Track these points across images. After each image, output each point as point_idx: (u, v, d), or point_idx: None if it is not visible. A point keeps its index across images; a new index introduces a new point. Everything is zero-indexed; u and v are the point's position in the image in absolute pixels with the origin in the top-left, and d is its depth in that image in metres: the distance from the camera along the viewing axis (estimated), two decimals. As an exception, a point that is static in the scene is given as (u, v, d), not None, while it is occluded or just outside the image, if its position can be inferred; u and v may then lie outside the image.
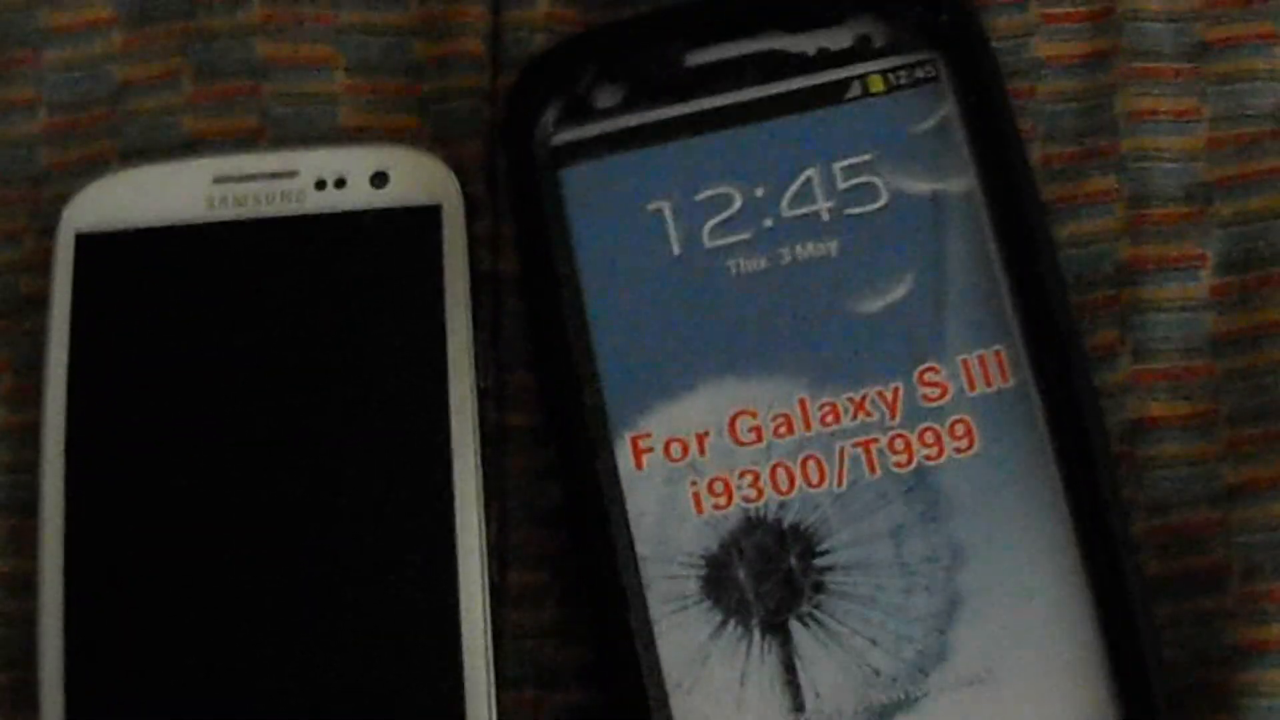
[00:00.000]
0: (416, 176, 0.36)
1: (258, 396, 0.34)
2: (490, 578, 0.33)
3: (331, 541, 0.34)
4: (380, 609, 0.33)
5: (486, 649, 0.33)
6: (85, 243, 0.35)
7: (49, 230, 0.36)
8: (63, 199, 0.36)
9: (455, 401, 0.34)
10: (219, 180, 0.36)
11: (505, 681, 0.34)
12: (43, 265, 0.36)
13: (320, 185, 0.35)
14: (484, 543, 0.33)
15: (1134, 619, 0.32)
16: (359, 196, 0.35)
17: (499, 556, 0.35)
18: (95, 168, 0.37)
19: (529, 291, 0.35)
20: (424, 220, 0.35)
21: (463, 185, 0.36)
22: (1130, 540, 0.33)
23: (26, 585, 0.34)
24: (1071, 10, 0.37)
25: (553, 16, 0.37)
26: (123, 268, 0.35)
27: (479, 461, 0.34)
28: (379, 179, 0.35)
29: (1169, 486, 0.34)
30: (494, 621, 0.33)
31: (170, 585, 0.33)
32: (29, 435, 0.35)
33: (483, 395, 0.35)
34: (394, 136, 0.37)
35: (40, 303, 0.35)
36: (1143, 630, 0.32)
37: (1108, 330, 0.35)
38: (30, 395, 0.35)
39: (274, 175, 0.36)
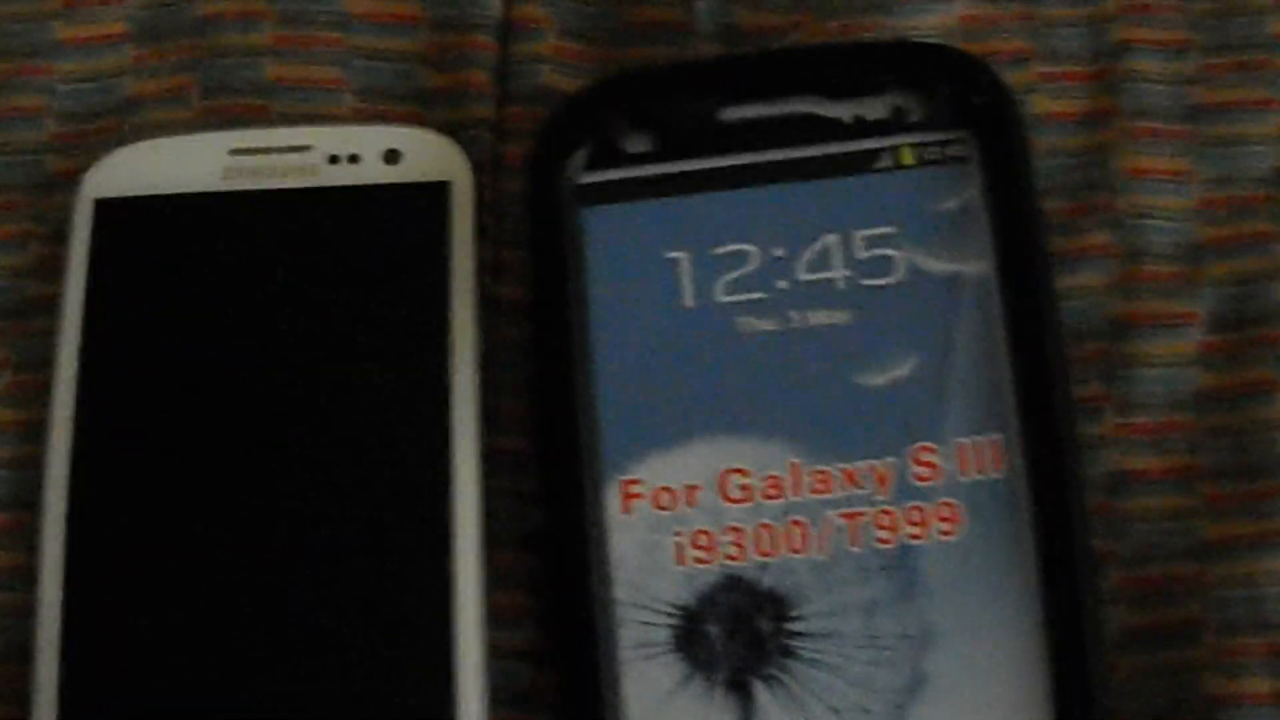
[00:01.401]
0: (428, 155, 0.37)
1: (265, 362, 0.35)
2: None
3: (331, 530, 0.34)
4: (377, 580, 0.34)
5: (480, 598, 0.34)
6: (103, 209, 0.36)
7: (55, 237, 0.37)
8: (70, 207, 0.37)
9: (458, 379, 0.35)
10: (235, 152, 0.37)
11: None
12: (49, 270, 0.37)
13: (334, 160, 0.36)
14: (481, 527, 0.34)
15: (1094, 714, 0.32)
16: (372, 172, 0.36)
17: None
18: None
19: (538, 323, 0.35)
20: (434, 197, 0.36)
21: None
22: (1099, 640, 0.33)
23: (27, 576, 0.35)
24: (1071, 69, 0.38)
25: (560, 50, 0.38)
26: (139, 234, 0.36)
27: (479, 430, 0.35)
28: (391, 156, 0.36)
29: (1148, 539, 0.35)
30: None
31: (172, 560, 0.34)
32: (32, 432, 0.36)
33: (484, 368, 0.35)
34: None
35: (46, 305, 0.36)
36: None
37: (1095, 383, 0.36)
38: (32, 394, 0.36)
39: (289, 149, 0.37)
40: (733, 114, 0.36)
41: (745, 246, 0.35)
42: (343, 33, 0.39)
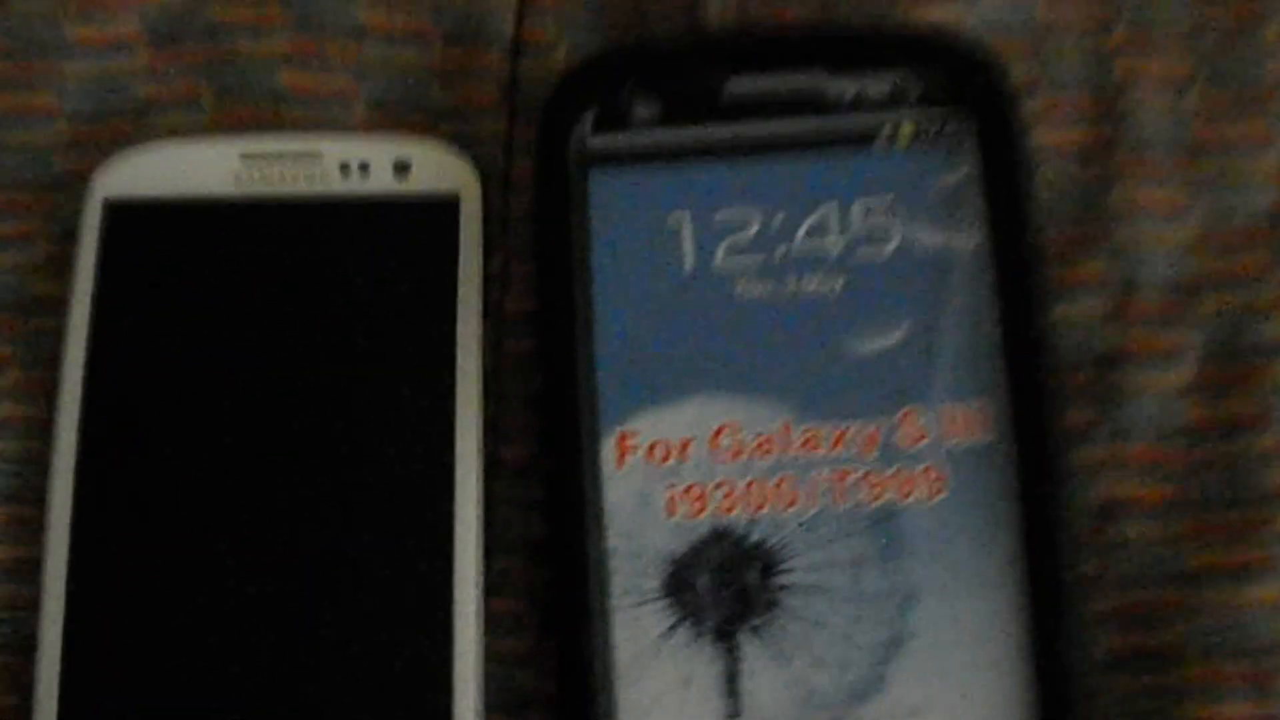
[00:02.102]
0: (438, 167, 0.37)
1: (269, 367, 0.36)
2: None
3: (334, 535, 0.35)
4: (377, 585, 0.34)
5: (478, 614, 0.34)
6: (113, 209, 0.37)
7: (64, 236, 0.38)
8: (80, 207, 0.38)
9: (461, 390, 0.35)
10: (246, 157, 0.37)
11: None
12: (55, 268, 0.37)
13: (344, 169, 0.37)
14: (480, 533, 0.35)
15: (1069, 680, 0.33)
16: (381, 182, 0.37)
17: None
18: None
19: (542, 279, 0.36)
20: (443, 209, 0.37)
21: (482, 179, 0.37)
22: (1076, 607, 0.34)
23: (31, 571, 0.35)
24: (1076, 101, 0.38)
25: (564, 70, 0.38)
26: (148, 236, 0.37)
27: (481, 439, 0.35)
28: (401, 167, 0.37)
29: (1135, 565, 0.36)
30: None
31: (175, 562, 0.35)
32: (36, 428, 0.37)
33: (488, 378, 0.36)
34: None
35: (52, 303, 0.37)
36: (1075, 694, 0.33)
37: (1088, 410, 0.36)
38: (39, 390, 0.37)
39: (300, 156, 0.37)
40: (739, 84, 0.37)
41: (745, 213, 0.36)
42: (356, 43, 0.39)
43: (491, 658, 0.35)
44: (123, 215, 0.37)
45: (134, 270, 0.37)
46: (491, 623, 0.35)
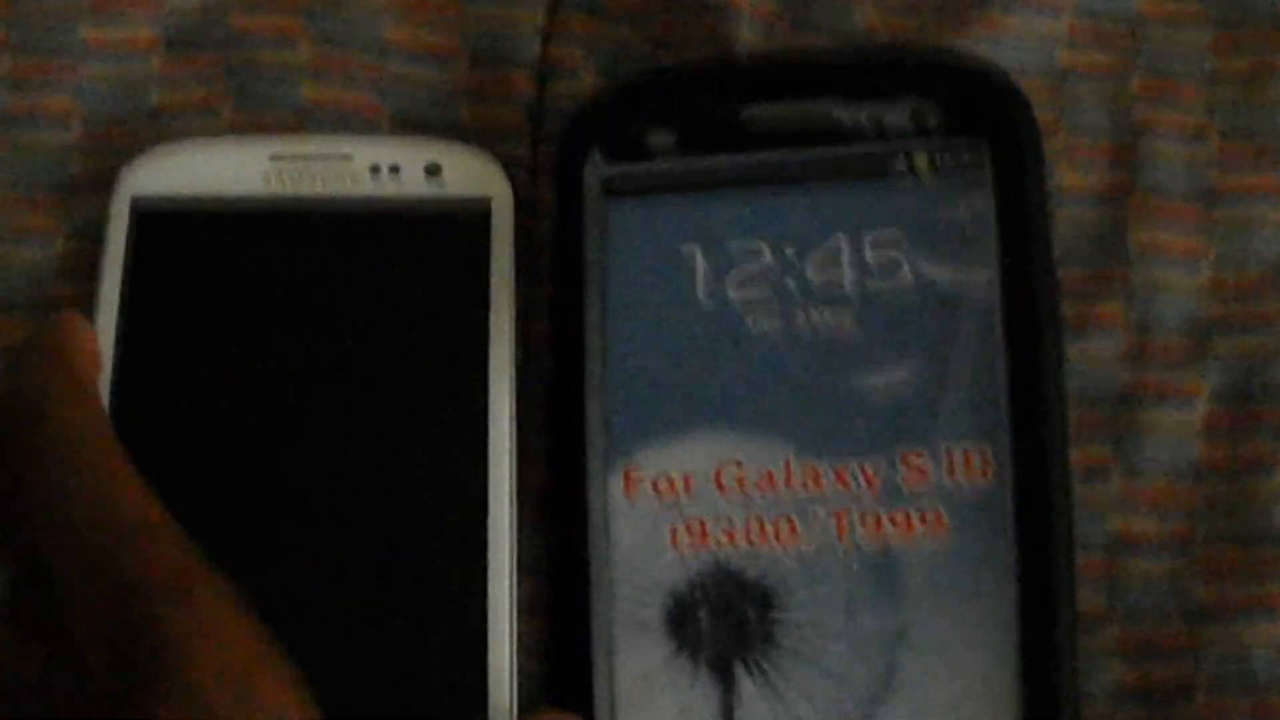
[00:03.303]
0: (468, 170, 0.37)
1: (299, 366, 0.36)
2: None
3: (364, 531, 0.35)
4: (408, 599, 0.35)
5: (511, 641, 0.35)
6: (140, 206, 0.37)
7: (80, 236, 0.39)
8: (93, 208, 0.38)
9: (493, 393, 0.36)
10: (276, 158, 0.37)
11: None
12: (71, 269, 0.38)
13: (375, 171, 0.37)
14: (514, 542, 0.35)
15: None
16: (412, 185, 0.37)
17: None
18: None
19: (556, 310, 0.37)
20: (474, 212, 0.37)
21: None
22: (1071, 653, 0.34)
23: None
24: (1095, 144, 0.38)
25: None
26: (174, 235, 0.37)
27: (514, 429, 0.36)
28: (432, 170, 0.37)
29: (1144, 600, 0.36)
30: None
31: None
32: None
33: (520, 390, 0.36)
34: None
35: (69, 303, 0.38)
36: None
37: (1102, 447, 0.37)
38: None
39: (329, 157, 0.37)
40: (753, 113, 0.37)
41: (758, 244, 0.36)
42: (379, 59, 0.40)
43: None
44: (149, 213, 0.37)
45: (160, 270, 0.37)
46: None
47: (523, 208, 0.38)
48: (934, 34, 0.38)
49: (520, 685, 0.36)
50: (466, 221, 0.37)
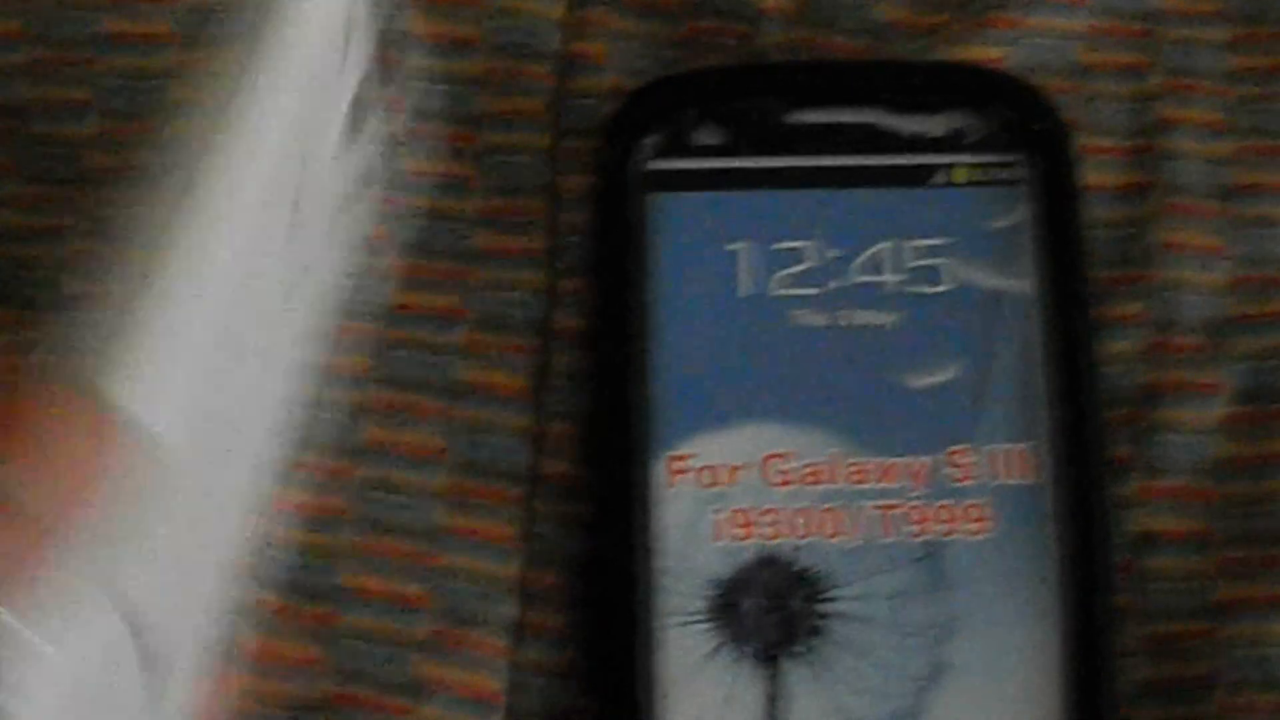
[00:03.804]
0: None
1: None
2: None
3: None
4: None
5: None
6: None
7: (93, 232, 0.37)
8: (109, 203, 0.37)
9: None
10: None
11: (519, 714, 0.36)
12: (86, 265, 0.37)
13: None
14: None
15: (1106, 717, 0.34)
16: None
17: (525, 594, 0.36)
18: (144, 175, 0.38)
19: (601, 298, 0.37)
20: None
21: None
22: (1113, 645, 0.35)
23: None
24: (1114, 144, 0.39)
25: (618, 88, 0.39)
26: None
27: None
28: None
29: (1165, 597, 0.36)
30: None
31: None
32: None
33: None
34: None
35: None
36: (1107, 731, 0.34)
37: (1124, 446, 0.37)
38: None
39: None
40: (800, 117, 0.38)
41: (802, 245, 0.37)
42: (400, 54, 0.39)
43: (532, 670, 0.36)
44: None
45: None
46: (533, 636, 0.36)
47: (545, 198, 0.38)
48: (955, 32, 0.39)
49: (556, 681, 0.36)
50: None
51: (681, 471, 0.36)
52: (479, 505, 0.37)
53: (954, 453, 0.36)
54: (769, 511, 0.36)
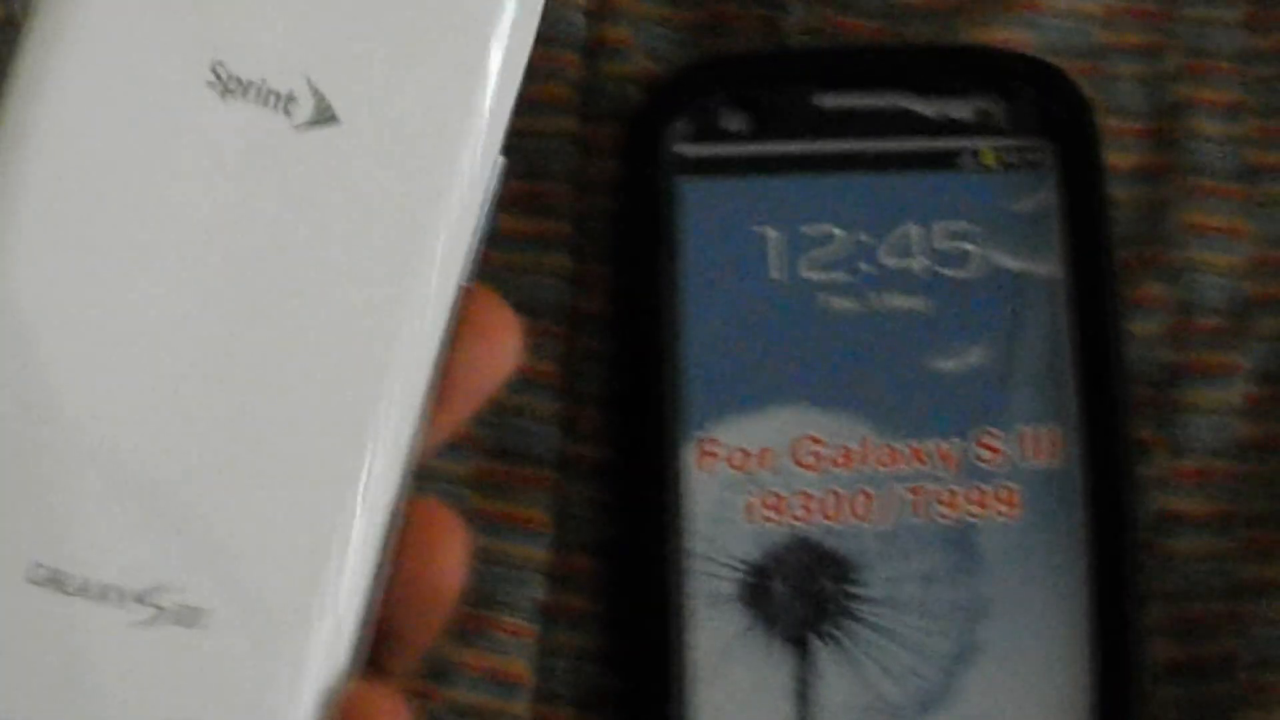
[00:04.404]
0: None
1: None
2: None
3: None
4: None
5: None
6: None
7: None
8: None
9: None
10: None
11: (546, 696, 0.36)
12: None
13: None
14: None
15: (1132, 698, 0.35)
16: None
17: (555, 578, 0.36)
18: None
19: (630, 282, 0.37)
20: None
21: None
22: (1141, 627, 0.35)
23: None
24: (1134, 126, 0.39)
25: (645, 73, 0.39)
26: None
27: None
28: None
29: (1188, 578, 0.37)
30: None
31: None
32: None
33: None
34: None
35: None
36: (1137, 712, 0.35)
37: (1146, 427, 0.37)
38: None
39: None
40: (828, 101, 0.38)
41: (831, 228, 0.37)
42: None
43: (560, 653, 0.36)
44: None
45: None
46: (561, 619, 0.36)
47: (571, 184, 0.38)
48: (974, 13, 0.39)
49: (585, 664, 0.36)
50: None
51: (712, 455, 0.36)
52: (508, 489, 0.37)
53: (983, 436, 0.36)
54: (799, 494, 0.36)
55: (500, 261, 0.38)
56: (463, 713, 0.36)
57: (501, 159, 0.29)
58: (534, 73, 0.39)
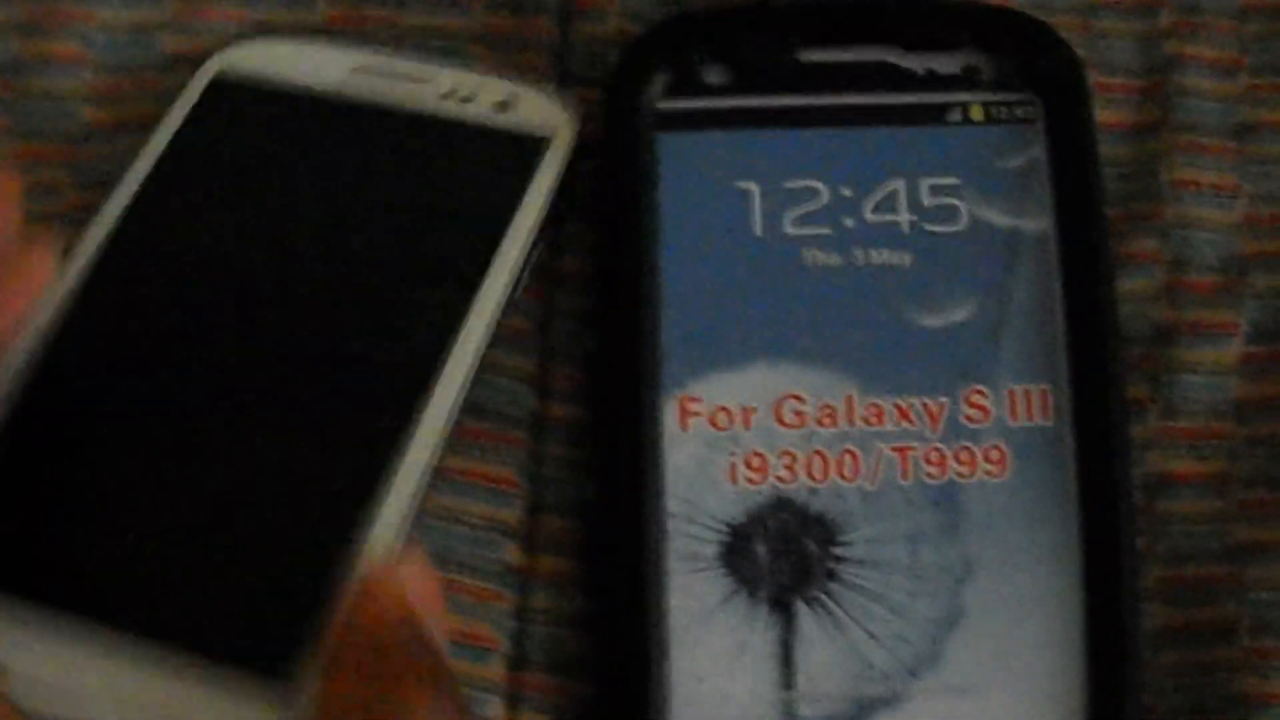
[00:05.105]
0: (539, 111, 0.37)
1: (302, 245, 0.36)
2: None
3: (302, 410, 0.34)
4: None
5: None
6: (215, 85, 0.37)
7: (90, 185, 0.37)
8: (105, 158, 0.37)
9: (473, 311, 0.35)
10: (358, 70, 0.37)
11: (520, 661, 0.35)
12: (81, 220, 0.36)
13: (446, 97, 0.37)
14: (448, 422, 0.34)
15: (1125, 659, 0.34)
16: (480, 115, 0.37)
17: (529, 540, 0.36)
18: (139, 130, 0.37)
19: (609, 237, 0.36)
20: (526, 148, 0.36)
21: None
22: (1135, 590, 0.34)
23: None
24: (1125, 82, 0.39)
25: (623, 34, 0.39)
26: (238, 113, 0.37)
27: (481, 348, 0.34)
28: (503, 106, 0.37)
29: (1184, 540, 0.36)
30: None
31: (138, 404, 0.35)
32: None
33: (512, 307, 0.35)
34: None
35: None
36: (1130, 676, 0.33)
37: (1140, 387, 0.37)
38: None
39: (408, 78, 0.37)
40: (812, 55, 0.37)
41: (815, 184, 0.36)
42: (398, 11, 0.39)
43: (534, 617, 0.35)
44: (220, 85, 0.37)
45: (208, 134, 0.37)
46: (540, 583, 0.35)
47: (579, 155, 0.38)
48: None
49: (563, 629, 0.35)
50: (517, 155, 0.36)
51: (693, 414, 0.35)
52: (479, 448, 0.36)
53: (971, 394, 0.35)
54: (782, 454, 0.35)
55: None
56: None
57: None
58: (511, 42, 0.39)
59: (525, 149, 0.36)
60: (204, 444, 0.34)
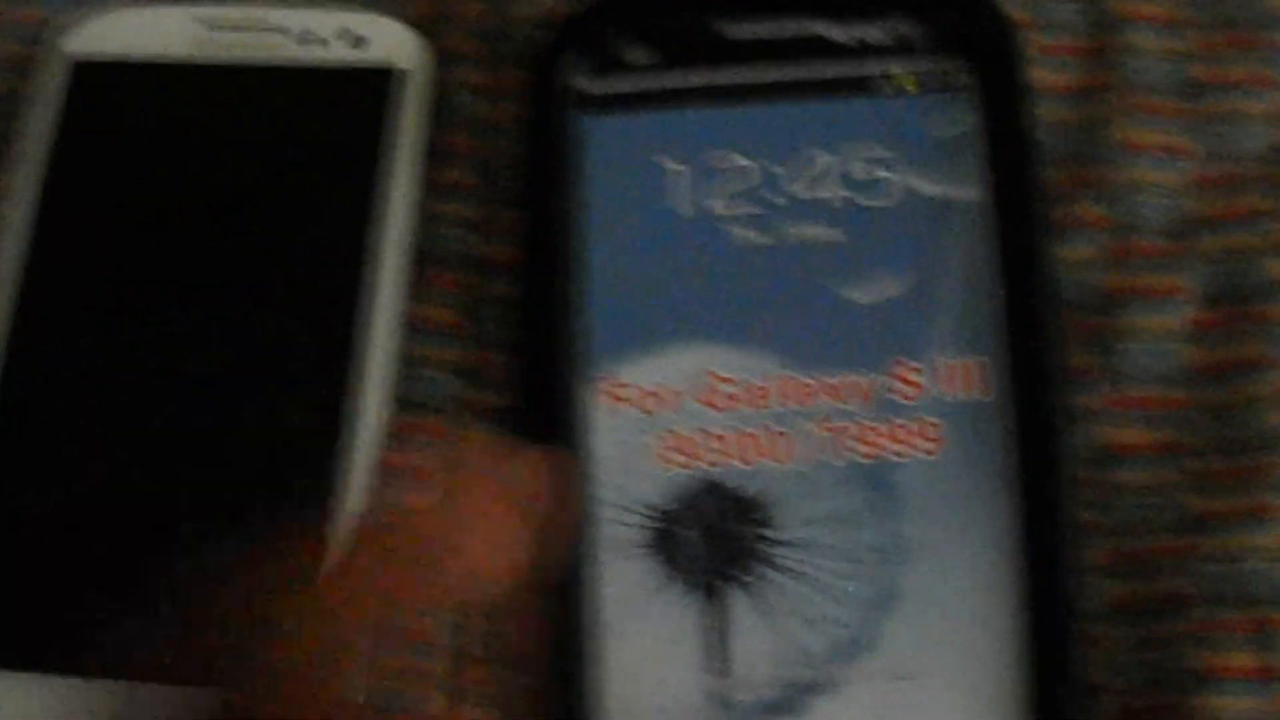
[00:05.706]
0: (392, 42, 0.38)
1: (197, 217, 0.37)
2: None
3: (234, 360, 0.36)
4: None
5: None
6: (79, 69, 0.38)
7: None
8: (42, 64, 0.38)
9: (379, 251, 0.36)
10: (208, 25, 0.38)
11: (464, 656, 0.34)
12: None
13: (302, 40, 0.38)
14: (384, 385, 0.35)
15: (1065, 643, 0.33)
16: (335, 53, 0.38)
17: None
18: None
19: (532, 223, 0.36)
20: (389, 81, 0.37)
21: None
22: (1075, 567, 0.33)
23: None
24: (1068, 42, 0.38)
25: (554, 15, 0.38)
26: (107, 96, 0.38)
27: (399, 294, 0.36)
28: (357, 41, 0.38)
29: (1134, 512, 0.35)
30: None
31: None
32: None
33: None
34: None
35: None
36: (1071, 656, 0.32)
37: (1087, 355, 0.35)
38: None
39: (260, 29, 0.38)
40: (735, 30, 0.36)
41: (744, 161, 0.36)
42: None
43: (477, 613, 0.34)
44: (87, 75, 0.38)
45: (87, 123, 0.38)
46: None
47: (480, 129, 0.38)
48: None
49: (496, 622, 0.34)
50: (379, 90, 0.37)
51: (619, 397, 0.34)
52: (409, 441, 0.35)
53: (903, 369, 0.34)
54: (709, 435, 0.34)
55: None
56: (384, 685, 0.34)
57: None
58: (442, 21, 0.38)
59: (387, 86, 0.37)
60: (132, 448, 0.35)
